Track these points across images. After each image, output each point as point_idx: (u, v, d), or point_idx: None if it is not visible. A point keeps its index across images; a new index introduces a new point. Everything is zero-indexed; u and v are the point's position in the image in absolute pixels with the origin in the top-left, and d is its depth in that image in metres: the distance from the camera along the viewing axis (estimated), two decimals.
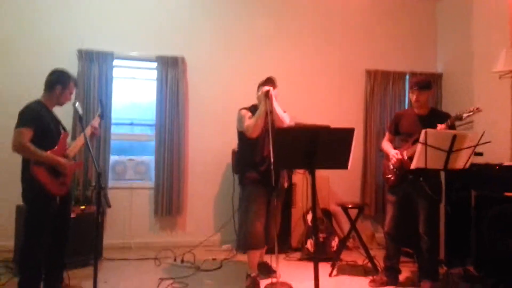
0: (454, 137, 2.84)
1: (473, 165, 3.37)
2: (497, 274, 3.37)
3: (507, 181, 3.39)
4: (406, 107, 5.04)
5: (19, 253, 2.81)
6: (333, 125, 4.32)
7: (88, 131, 3.01)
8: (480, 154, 3.54)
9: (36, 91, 3.00)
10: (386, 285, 3.35)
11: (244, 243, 3.29)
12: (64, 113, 3.23)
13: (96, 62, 4.37)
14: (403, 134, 3.40)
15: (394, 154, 3.30)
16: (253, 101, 3.43)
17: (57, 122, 2.99)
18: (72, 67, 4.12)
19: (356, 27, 5.18)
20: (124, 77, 4.77)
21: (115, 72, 4.56)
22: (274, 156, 2.65)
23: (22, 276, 2.77)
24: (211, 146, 4.72)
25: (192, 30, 4.77)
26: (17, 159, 2.83)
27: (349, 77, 5.13)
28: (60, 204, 2.88)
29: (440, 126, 3.02)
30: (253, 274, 3.29)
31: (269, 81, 3.31)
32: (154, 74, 4.64)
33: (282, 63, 4.94)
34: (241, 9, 4.90)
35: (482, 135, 2.85)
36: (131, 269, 3.76)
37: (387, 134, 3.58)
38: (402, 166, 3.24)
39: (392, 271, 3.41)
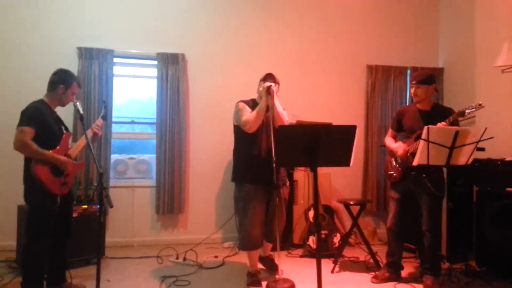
0: (457, 133, 2.83)
1: (475, 160, 3.38)
2: (498, 269, 3.38)
3: (509, 177, 3.40)
4: (408, 102, 5.02)
5: (21, 253, 2.81)
6: (334, 121, 4.40)
7: (89, 133, 3.00)
8: (482, 149, 3.53)
9: (36, 89, 2.99)
10: (389, 280, 3.36)
11: (243, 244, 3.28)
12: (64, 112, 3.21)
13: (96, 60, 4.35)
14: (406, 130, 3.38)
15: (397, 146, 3.28)
16: (255, 97, 3.39)
17: (60, 122, 2.99)
18: (72, 65, 4.10)
19: (357, 22, 5.15)
20: (125, 75, 4.76)
21: (115, 69, 4.54)
22: (276, 154, 2.62)
23: (25, 276, 2.78)
24: (213, 144, 4.70)
25: (192, 27, 4.74)
26: (19, 159, 2.83)
27: (350, 72, 5.10)
28: (62, 203, 2.88)
29: (440, 124, 2.97)
30: (254, 271, 3.30)
31: (271, 76, 3.24)
32: (154, 71, 4.62)
33: (283, 58, 4.91)
34: (241, 4, 4.87)
35: (484, 131, 2.84)
36: (134, 267, 3.76)
37: (390, 131, 3.56)
38: (405, 162, 3.23)
39: (394, 267, 3.42)
